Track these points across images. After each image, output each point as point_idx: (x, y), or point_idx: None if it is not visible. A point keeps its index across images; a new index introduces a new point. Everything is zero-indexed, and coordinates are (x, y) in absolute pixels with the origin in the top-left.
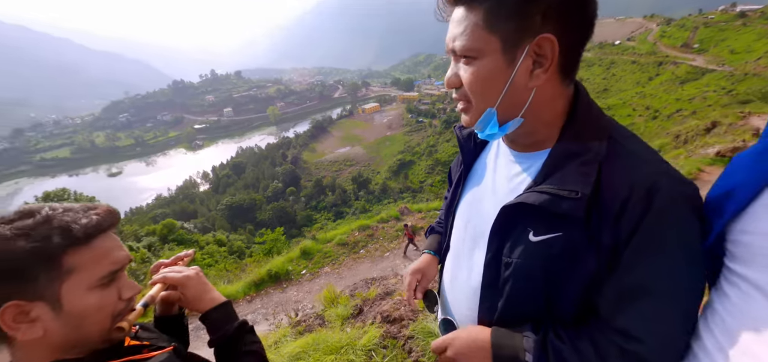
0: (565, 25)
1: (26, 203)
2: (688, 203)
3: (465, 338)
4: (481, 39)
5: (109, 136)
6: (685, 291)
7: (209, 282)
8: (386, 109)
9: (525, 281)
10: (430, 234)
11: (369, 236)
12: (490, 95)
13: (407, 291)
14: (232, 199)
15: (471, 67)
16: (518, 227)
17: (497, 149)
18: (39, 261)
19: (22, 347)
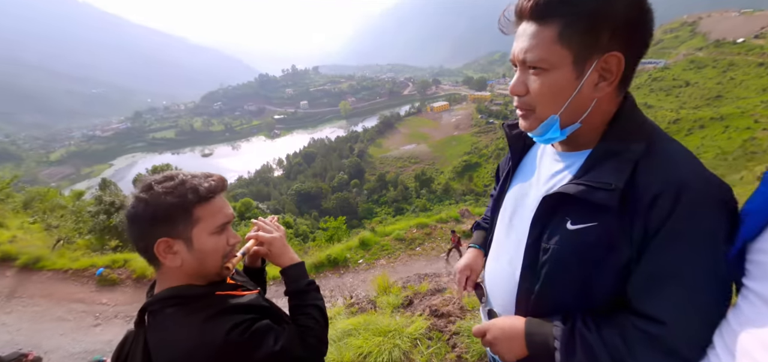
0: (630, 43)
1: (140, 175)
2: (715, 202)
3: (502, 325)
4: (554, 53)
5: (205, 122)
6: (709, 282)
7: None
8: (455, 108)
9: (561, 266)
10: (476, 230)
11: (427, 234)
12: (555, 103)
13: (458, 285)
14: (301, 186)
15: (541, 77)
16: (557, 216)
17: (543, 148)
18: (179, 211)
19: (167, 272)
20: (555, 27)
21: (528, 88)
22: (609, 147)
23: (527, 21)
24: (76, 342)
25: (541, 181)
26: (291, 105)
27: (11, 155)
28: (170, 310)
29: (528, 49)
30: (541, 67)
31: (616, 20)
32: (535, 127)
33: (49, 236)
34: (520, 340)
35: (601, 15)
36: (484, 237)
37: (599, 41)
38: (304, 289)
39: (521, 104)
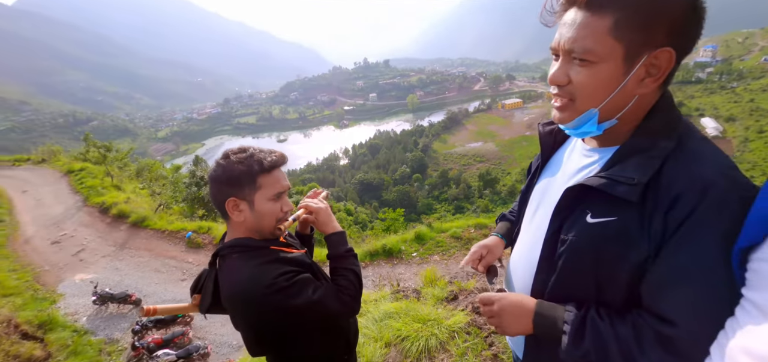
0: (682, 40)
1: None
2: (741, 205)
3: (512, 299)
4: (606, 45)
5: (282, 110)
6: (723, 284)
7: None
8: (529, 106)
9: (577, 258)
10: (501, 221)
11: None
12: (598, 97)
13: (470, 257)
14: (364, 176)
15: (587, 69)
16: (578, 209)
17: (573, 144)
18: (247, 177)
19: (234, 226)
20: (609, 18)
21: (570, 79)
22: (638, 143)
23: (579, 9)
24: (167, 292)
25: (567, 175)
26: (360, 97)
27: (129, 130)
28: (235, 255)
29: (576, 39)
30: (589, 60)
31: (674, 15)
32: (571, 119)
33: (153, 201)
34: (528, 317)
35: (660, 9)
36: (508, 229)
37: (653, 36)
38: (343, 254)
39: (564, 93)
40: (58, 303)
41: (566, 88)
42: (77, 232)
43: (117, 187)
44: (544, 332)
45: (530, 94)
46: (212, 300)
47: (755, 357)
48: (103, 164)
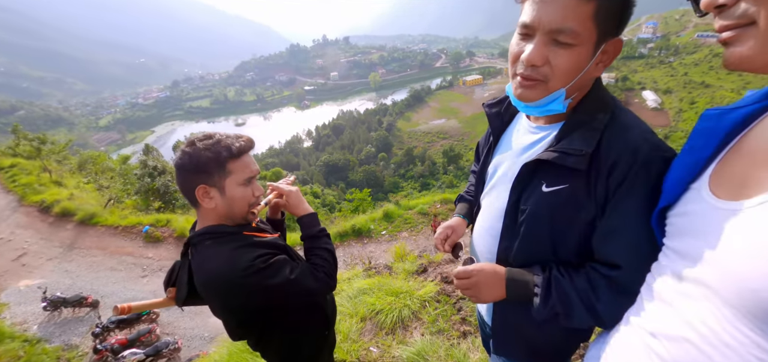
0: (622, 29)
1: (179, 142)
2: (663, 162)
3: (486, 269)
4: (587, 29)
5: (238, 91)
6: (653, 231)
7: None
8: (489, 82)
9: (536, 224)
10: (460, 202)
11: (450, 210)
12: (570, 78)
13: (437, 239)
14: (329, 157)
15: (567, 52)
16: (534, 181)
17: (519, 123)
18: (215, 164)
19: (205, 213)
20: (593, 4)
21: (548, 60)
22: (580, 119)
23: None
24: (126, 290)
25: (518, 152)
26: (321, 76)
27: (64, 120)
28: (208, 242)
29: (566, 20)
30: (571, 42)
31: (625, 7)
32: (540, 97)
33: (101, 196)
34: (501, 284)
35: (622, 4)
36: (467, 208)
37: (615, 25)
38: (316, 234)
39: (533, 74)
40: (3, 314)
41: (541, 69)
42: (15, 235)
43: (57, 183)
44: (515, 295)
45: (490, 70)
46: (188, 290)
47: (676, 291)
48: (38, 159)
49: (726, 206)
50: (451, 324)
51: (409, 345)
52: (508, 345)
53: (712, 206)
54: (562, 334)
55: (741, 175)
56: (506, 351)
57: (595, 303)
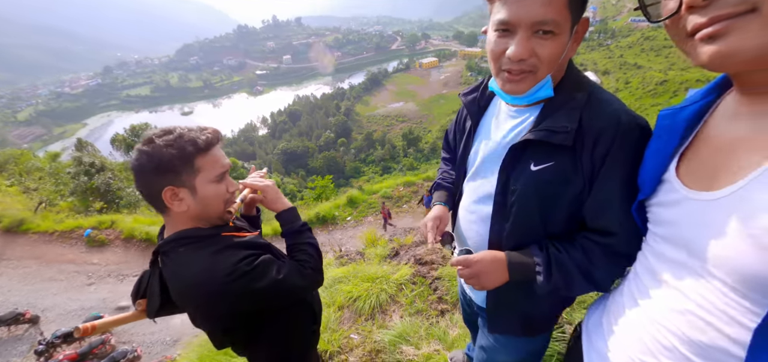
0: (585, 9)
1: (118, 135)
2: (641, 131)
3: (487, 258)
4: (564, 17)
5: (182, 77)
6: None
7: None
8: (445, 65)
9: (527, 203)
10: (438, 190)
11: (413, 192)
12: (555, 64)
13: (430, 233)
14: (287, 145)
15: (551, 41)
16: (522, 161)
17: (498, 109)
18: (182, 162)
19: (174, 216)
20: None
21: (535, 52)
22: (560, 99)
23: None
24: (71, 301)
25: (501, 136)
26: (273, 60)
27: None
28: (182, 249)
29: (547, 13)
30: (553, 31)
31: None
32: (530, 88)
33: (29, 199)
34: (503, 268)
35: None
36: (447, 196)
37: (582, 7)
38: (298, 229)
39: (522, 67)
40: None
41: (529, 61)
42: None
43: None
44: (519, 277)
45: (445, 52)
46: (161, 300)
47: (670, 270)
48: None
49: (699, 196)
50: (429, 304)
51: (389, 329)
52: (503, 321)
53: (686, 195)
54: (551, 303)
55: (709, 164)
56: (501, 328)
57: (593, 272)
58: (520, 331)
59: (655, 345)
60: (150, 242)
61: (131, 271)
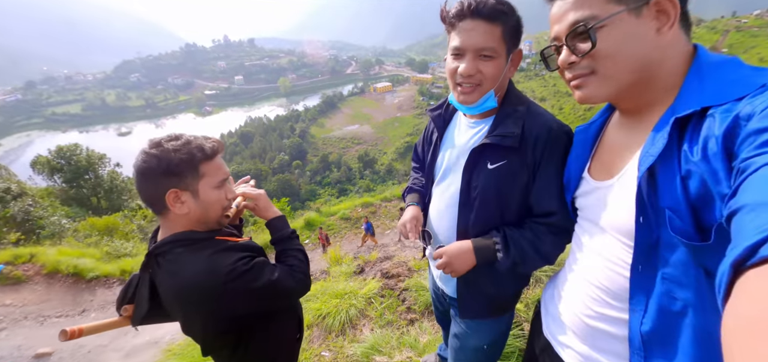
0: (519, 44)
1: (41, 157)
2: (566, 135)
3: (456, 246)
4: (500, 45)
5: (120, 95)
6: None
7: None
8: (398, 89)
9: (486, 196)
10: (410, 193)
11: (372, 212)
12: (495, 80)
13: (410, 232)
14: (238, 167)
15: (491, 62)
16: (481, 162)
17: (458, 122)
18: (188, 166)
19: (173, 217)
20: (500, 27)
21: (479, 70)
22: (506, 111)
23: (478, 20)
24: None
25: (463, 143)
26: (224, 80)
27: None
28: (179, 250)
29: (486, 41)
30: (492, 55)
31: (518, 31)
32: (478, 99)
33: None
34: (470, 254)
35: (518, 23)
36: (419, 198)
37: (517, 40)
38: (288, 236)
39: (471, 81)
40: None
41: (475, 77)
42: None
43: None
44: (483, 259)
45: (398, 78)
46: (148, 306)
47: (590, 238)
48: None
49: (600, 184)
50: (398, 315)
51: (361, 342)
52: (473, 306)
53: (594, 186)
54: (512, 284)
55: (607, 161)
56: (471, 313)
57: (540, 246)
58: (488, 313)
59: (588, 298)
60: (78, 277)
61: (54, 311)
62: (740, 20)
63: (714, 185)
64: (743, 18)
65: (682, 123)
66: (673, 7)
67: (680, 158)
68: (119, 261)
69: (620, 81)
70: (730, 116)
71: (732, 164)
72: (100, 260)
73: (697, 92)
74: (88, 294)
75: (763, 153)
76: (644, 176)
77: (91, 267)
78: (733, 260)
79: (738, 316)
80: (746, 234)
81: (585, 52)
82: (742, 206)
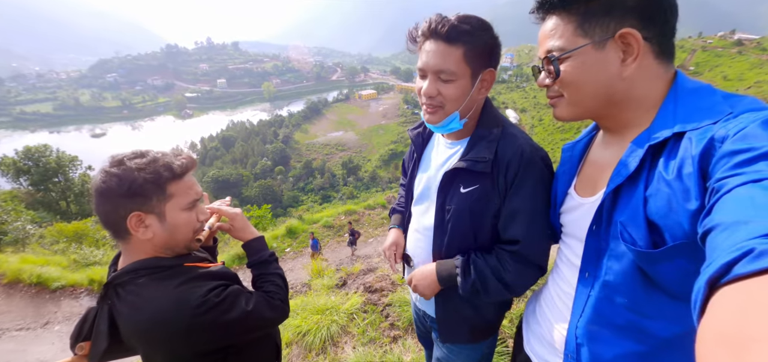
0: (495, 62)
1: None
2: (541, 160)
3: (421, 270)
4: (461, 68)
5: (95, 95)
6: (542, 210)
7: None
8: (383, 97)
9: (459, 219)
10: (394, 214)
11: (355, 221)
12: (459, 102)
13: (390, 259)
14: (219, 172)
15: (451, 85)
16: (454, 184)
17: (437, 142)
18: (154, 187)
19: (136, 243)
20: (460, 49)
21: (439, 92)
22: (481, 133)
23: (438, 41)
24: None
25: (439, 165)
26: (206, 83)
27: None
28: (142, 280)
29: (444, 64)
30: (452, 79)
31: (492, 49)
32: (441, 120)
33: None
34: (433, 276)
35: (486, 44)
36: (401, 218)
37: (484, 61)
38: (267, 259)
39: (433, 103)
40: None
41: (436, 98)
42: None
43: None
44: (446, 280)
45: (383, 86)
46: (108, 342)
47: (572, 253)
48: None
49: (584, 201)
50: (381, 332)
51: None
52: (453, 331)
53: (579, 202)
54: (493, 309)
55: (591, 179)
56: (451, 337)
57: (504, 275)
58: (468, 338)
59: (567, 311)
60: (42, 287)
61: (14, 323)
62: (706, 40)
63: (684, 202)
64: (709, 38)
65: (658, 146)
66: (636, 42)
67: (648, 178)
68: (88, 270)
69: (584, 106)
70: (705, 139)
71: (706, 184)
72: (67, 269)
73: (671, 116)
74: (52, 305)
75: (736, 175)
76: (610, 194)
77: (56, 276)
78: (709, 277)
79: (713, 331)
80: (721, 252)
81: (553, 79)
82: (717, 224)
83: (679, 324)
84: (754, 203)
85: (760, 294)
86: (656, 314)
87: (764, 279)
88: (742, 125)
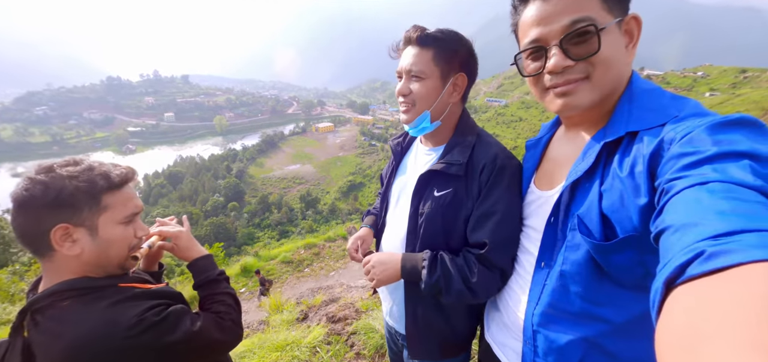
0: (468, 69)
1: None
2: (513, 166)
3: (382, 255)
4: (430, 68)
5: (20, 130)
6: (511, 214)
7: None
8: (340, 130)
9: (432, 223)
10: (367, 216)
11: (315, 254)
12: (429, 101)
13: (350, 249)
14: (164, 211)
15: (421, 83)
16: (428, 188)
17: (415, 149)
18: (87, 197)
19: (61, 260)
20: (431, 51)
21: (411, 90)
22: (456, 140)
23: (413, 46)
24: None
25: (416, 171)
26: (151, 116)
27: None
28: (66, 303)
29: (414, 64)
30: (421, 77)
31: (462, 54)
32: (413, 119)
33: None
34: (395, 266)
35: (454, 50)
36: (374, 220)
37: (454, 65)
38: (216, 278)
39: (406, 101)
40: None
41: (409, 97)
42: None
43: None
44: (409, 273)
45: (340, 118)
46: None
47: (531, 243)
48: None
49: (543, 194)
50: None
51: None
52: (423, 346)
53: (538, 195)
54: (464, 320)
55: (550, 173)
56: (421, 353)
57: (470, 277)
58: (439, 354)
59: (525, 297)
60: None
61: None
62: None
63: (634, 198)
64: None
65: (613, 144)
66: (638, 29)
67: (604, 174)
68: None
69: (604, 90)
70: (655, 140)
71: (655, 183)
72: None
73: (626, 116)
74: None
75: (683, 177)
76: (567, 188)
77: None
78: (666, 278)
79: (670, 330)
80: (675, 254)
81: (589, 55)
82: (669, 226)
83: (626, 311)
84: (701, 205)
85: (710, 293)
86: (606, 302)
87: (713, 280)
88: (689, 130)
